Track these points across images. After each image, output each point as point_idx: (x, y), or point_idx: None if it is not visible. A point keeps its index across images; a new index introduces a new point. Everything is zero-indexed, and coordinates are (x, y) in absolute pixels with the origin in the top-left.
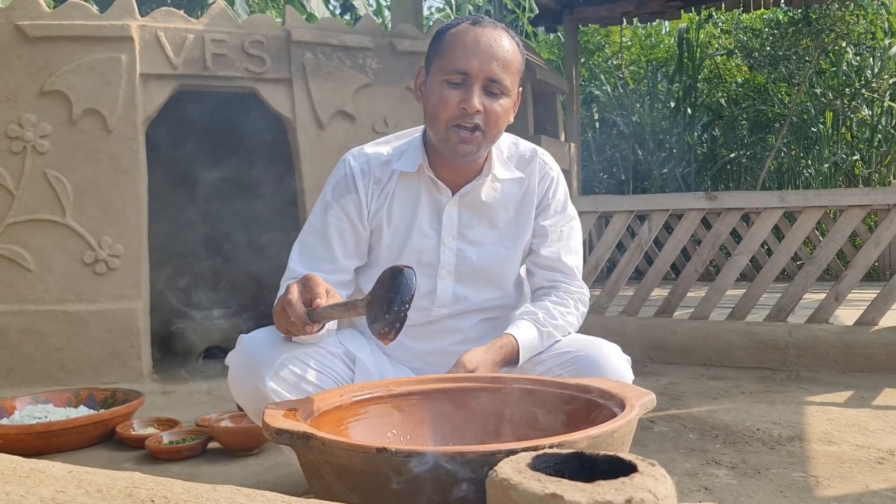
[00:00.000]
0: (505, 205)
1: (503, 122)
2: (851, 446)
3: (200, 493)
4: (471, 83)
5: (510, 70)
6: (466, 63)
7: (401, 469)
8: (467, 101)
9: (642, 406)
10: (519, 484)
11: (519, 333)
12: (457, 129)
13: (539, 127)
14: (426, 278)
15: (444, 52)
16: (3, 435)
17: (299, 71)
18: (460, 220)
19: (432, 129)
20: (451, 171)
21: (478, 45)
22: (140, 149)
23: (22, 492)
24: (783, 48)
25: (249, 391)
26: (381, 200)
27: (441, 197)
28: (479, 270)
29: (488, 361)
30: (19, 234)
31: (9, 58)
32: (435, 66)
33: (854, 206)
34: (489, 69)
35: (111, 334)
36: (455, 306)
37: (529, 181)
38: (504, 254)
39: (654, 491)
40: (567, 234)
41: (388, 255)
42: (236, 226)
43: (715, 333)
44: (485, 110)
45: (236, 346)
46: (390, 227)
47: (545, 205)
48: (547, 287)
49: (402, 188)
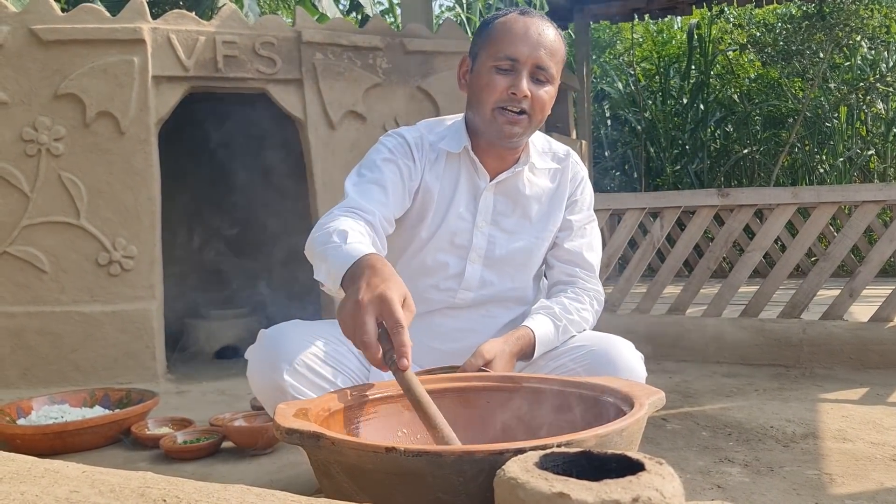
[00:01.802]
0: (539, 197)
1: (548, 108)
2: (866, 444)
3: (211, 493)
4: (519, 70)
5: (556, 59)
6: (516, 50)
7: (410, 468)
8: (517, 87)
9: (651, 404)
10: (526, 483)
11: (536, 326)
12: (502, 111)
13: (550, 124)
14: (457, 259)
15: (494, 40)
16: (21, 435)
17: (310, 71)
18: (495, 207)
19: (478, 112)
20: (492, 158)
21: (527, 34)
22: (153, 151)
23: (37, 491)
24: (797, 43)
25: (267, 385)
26: (433, 178)
27: (480, 181)
28: (507, 258)
29: (506, 352)
30: (34, 236)
31: (23, 61)
32: (483, 54)
33: (868, 202)
34: (538, 56)
35: (125, 335)
36: (480, 291)
37: (562, 177)
38: (532, 245)
39: (661, 489)
40: (591, 233)
41: (426, 233)
42: (251, 225)
43: (728, 330)
44: (531, 96)
45: (257, 340)
46: (434, 208)
47: (573, 201)
48: (565, 282)
49: (448, 169)
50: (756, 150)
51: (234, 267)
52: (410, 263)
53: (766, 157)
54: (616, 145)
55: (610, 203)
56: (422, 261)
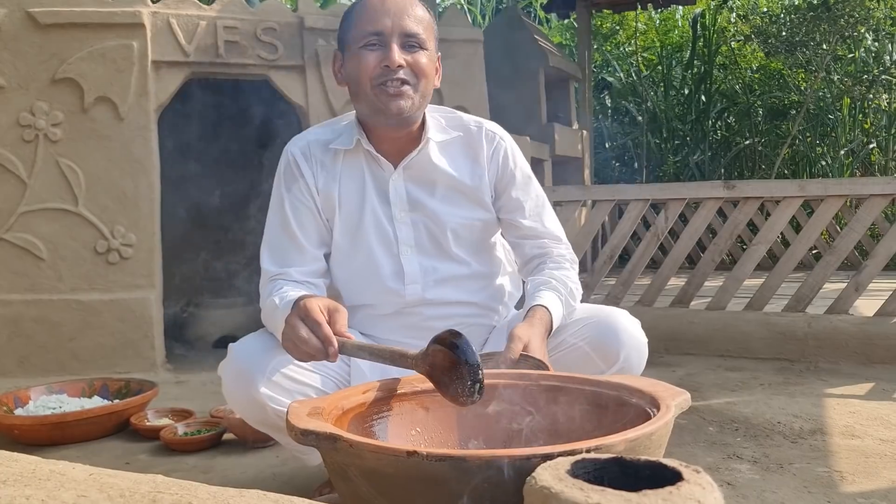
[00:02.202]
0: (451, 172)
1: (430, 75)
2: (875, 440)
3: (227, 499)
4: (387, 42)
5: (424, 24)
6: (378, 22)
7: (433, 473)
8: (388, 58)
9: (678, 406)
10: (560, 493)
11: (549, 304)
12: (382, 87)
13: (551, 114)
14: (389, 257)
15: (355, 24)
16: (19, 426)
17: (312, 58)
18: (409, 193)
19: (361, 98)
20: (390, 144)
21: (384, 4)
22: (153, 137)
23: (42, 496)
24: (801, 34)
25: (245, 399)
26: (329, 182)
27: (383, 172)
28: (436, 240)
29: (537, 335)
30: (32, 223)
31: (20, 45)
32: (349, 40)
33: (877, 196)
34: (403, 24)
35: (124, 324)
36: (426, 279)
37: (476, 152)
38: (460, 221)
39: (702, 501)
40: (542, 200)
41: (342, 239)
42: (252, 214)
43: (732, 324)
44: (409, 64)
45: (227, 356)
46: (342, 211)
47: (510, 176)
48: (539, 254)
49: (347, 168)
50: (758, 142)
51: (233, 255)
52: (349, 275)
53: (767, 148)
54: (617, 136)
55: (614, 194)
56: (356, 268)
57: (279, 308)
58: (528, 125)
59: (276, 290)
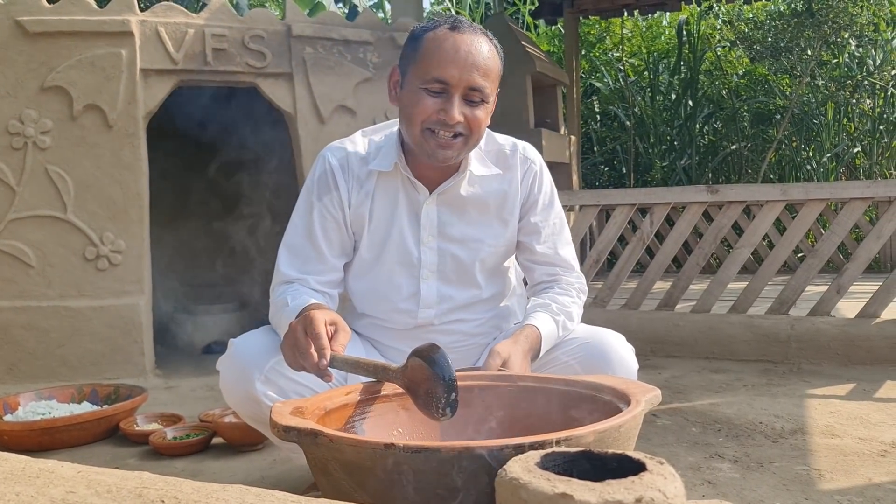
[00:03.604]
0: (485, 201)
1: (485, 125)
2: (854, 439)
3: (210, 493)
4: (451, 93)
5: (490, 77)
6: (446, 72)
7: (409, 465)
8: (447, 113)
9: (648, 402)
10: (528, 483)
11: (540, 324)
12: (433, 133)
13: (539, 120)
14: (409, 279)
15: (422, 59)
16: (8, 431)
17: (300, 65)
18: (440, 219)
19: (408, 132)
20: (429, 169)
21: (457, 54)
22: (141, 144)
23: (32, 492)
24: (785, 39)
25: (241, 395)
26: (362, 198)
27: (418, 196)
28: (462, 269)
29: (519, 351)
30: (21, 230)
31: (9, 53)
32: (412, 71)
33: (856, 199)
34: (470, 78)
35: (113, 330)
36: (441, 306)
37: (512, 177)
38: (488, 251)
39: (663, 490)
40: (560, 228)
41: (368, 255)
42: (240, 221)
43: (717, 327)
44: (466, 119)
45: (227, 351)
46: (371, 227)
47: (532, 201)
48: (547, 281)
49: (382, 187)
50: (744, 147)
51: (223, 261)
52: (365, 288)
53: (753, 153)
54: (605, 141)
55: (600, 199)
56: (374, 285)
57: (289, 308)
58: (516, 130)
59: (291, 291)
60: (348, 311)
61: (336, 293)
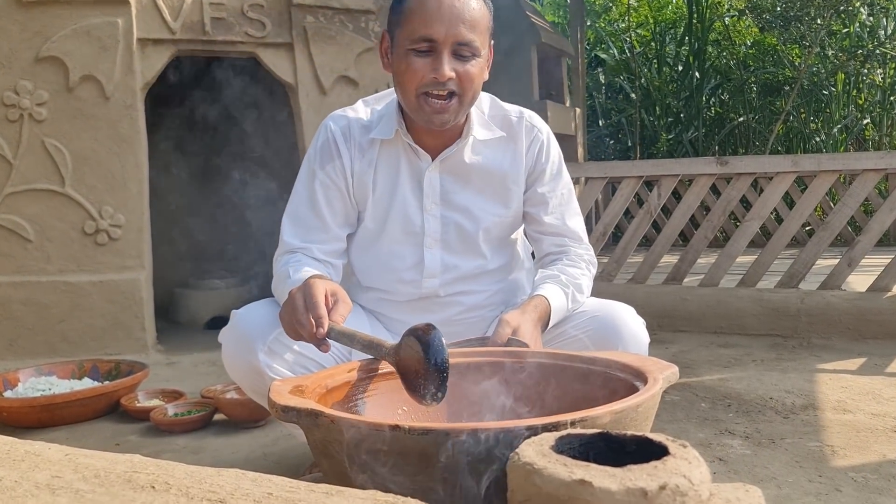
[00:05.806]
0: (489, 170)
1: (478, 82)
2: (866, 415)
3: (204, 478)
4: (439, 50)
5: (479, 29)
6: (431, 29)
7: (415, 447)
8: (438, 70)
9: (665, 379)
10: (544, 469)
11: (550, 295)
12: (427, 97)
13: (544, 91)
14: (412, 248)
15: (407, 19)
16: (7, 408)
17: (301, 35)
18: (442, 186)
19: (404, 99)
20: (430, 136)
21: (441, 9)
22: (139, 116)
23: (16, 477)
24: (795, 8)
25: (243, 367)
26: (365, 166)
27: (421, 163)
28: (466, 237)
29: (528, 321)
30: (18, 204)
31: (3, 23)
32: (399, 34)
33: (869, 170)
34: (457, 33)
35: (114, 305)
36: (445, 275)
37: (516, 145)
38: (493, 219)
39: (688, 476)
40: (568, 198)
41: (373, 224)
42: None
43: (725, 301)
44: (457, 75)
45: (229, 322)
46: (375, 196)
47: (539, 171)
48: (556, 252)
49: (384, 156)
50: (752, 118)
51: (226, 235)
52: (369, 259)
53: (761, 125)
54: (610, 113)
55: (607, 171)
56: (377, 254)
57: (290, 279)
58: (521, 102)
59: (294, 261)
60: (353, 284)
61: (339, 263)
